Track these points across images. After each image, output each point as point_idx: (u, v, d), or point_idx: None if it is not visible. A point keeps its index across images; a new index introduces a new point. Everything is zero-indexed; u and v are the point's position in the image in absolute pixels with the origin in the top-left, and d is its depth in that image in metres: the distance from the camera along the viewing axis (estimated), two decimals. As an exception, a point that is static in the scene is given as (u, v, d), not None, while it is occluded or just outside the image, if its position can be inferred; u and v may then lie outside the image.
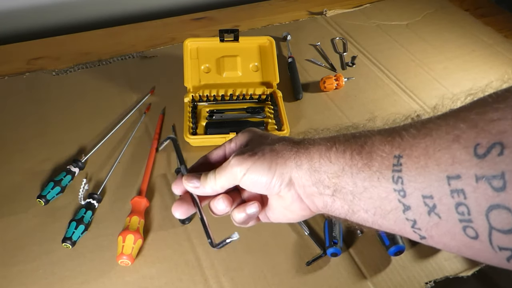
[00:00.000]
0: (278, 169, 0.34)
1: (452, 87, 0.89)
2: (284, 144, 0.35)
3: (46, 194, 0.62)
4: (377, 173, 0.29)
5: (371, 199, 0.30)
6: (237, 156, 0.35)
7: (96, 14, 1.07)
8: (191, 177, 0.38)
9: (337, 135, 0.34)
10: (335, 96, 0.85)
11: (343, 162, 0.31)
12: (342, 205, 0.32)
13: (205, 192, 0.38)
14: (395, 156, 0.28)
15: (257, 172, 0.34)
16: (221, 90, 0.79)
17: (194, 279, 0.56)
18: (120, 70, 0.88)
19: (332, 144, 0.33)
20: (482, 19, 1.08)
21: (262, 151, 0.35)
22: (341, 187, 0.31)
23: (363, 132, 0.32)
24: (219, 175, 0.36)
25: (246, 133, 0.39)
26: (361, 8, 1.11)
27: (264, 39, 0.83)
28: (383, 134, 0.30)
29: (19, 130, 0.75)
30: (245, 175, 0.34)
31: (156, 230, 0.61)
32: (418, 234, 0.28)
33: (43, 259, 0.57)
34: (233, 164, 0.35)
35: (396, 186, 0.28)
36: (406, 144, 0.28)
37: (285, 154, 0.34)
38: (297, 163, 0.34)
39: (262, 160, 0.34)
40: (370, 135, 0.31)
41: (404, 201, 0.28)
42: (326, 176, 0.32)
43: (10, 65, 0.88)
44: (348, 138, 0.32)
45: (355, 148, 0.31)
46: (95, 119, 0.77)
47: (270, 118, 0.78)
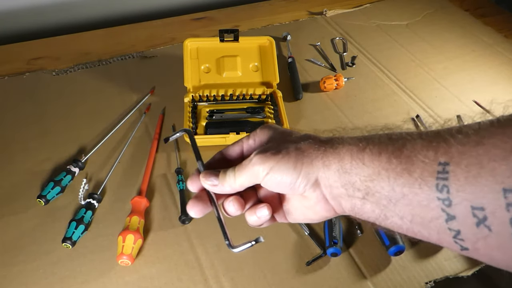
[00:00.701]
0: (303, 169, 0.32)
1: (452, 87, 0.89)
2: (310, 142, 0.33)
3: (46, 194, 0.62)
4: (419, 179, 0.27)
5: (409, 205, 0.28)
6: (260, 154, 0.33)
7: (96, 14, 1.07)
8: (209, 175, 0.36)
9: (369, 136, 0.32)
10: (335, 96, 0.85)
11: (378, 165, 0.30)
12: (373, 209, 0.31)
13: (224, 190, 0.36)
14: (440, 163, 0.26)
15: (281, 172, 0.32)
16: (221, 90, 0.79)
17: (194, 279, 0.56)
18: (120, 70, 0.88)
19: (365, 145, 0.31)
20: (482, 19, 1.09)
21: (287, 149, 0.33)
22: (374, 191, 0.30)
23: (401, 134, 0.30)
24: (239, 173, 0.34)
25: (266, 129, 0.37)
26: (361, 8, 1.11)
27: (264, 39, 0.83)
28: (425, 138, 0.29)
29: (19, 130, 0.75)
30: (268, 174, 0.33)
31: (156, 230, 0.61)
32: (460, 245, 0.27)
33: (43, 259, 0.57)
34: (255, 162, 0.33)
35: (440, 195, 0.26)
36: (454, 151, 0.26)
37: (312, 153, 0.32)
38: (324, 163, 0.32)
39: (287, 159, 0.32)
40: (409, 138, 0.29)
41: (448, 210, 0.26)
42: (357, 179, 0.31)
43: (10, 65, 0.88)
44: (383, 139, 0.31)
45: (393, 151, 0.29)
46: (95, 119, 0.77)
47: (270, 118, 0.78)
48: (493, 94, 0.88)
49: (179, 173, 0.68)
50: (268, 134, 0.36)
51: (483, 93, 0.87)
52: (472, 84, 0.90)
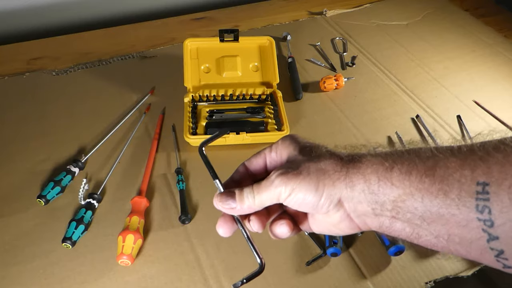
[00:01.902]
0: (326, 190, 0.32)
1: (452, 87, 0.89)
2: (331, 162, 0.32)
3: (46, 194, 0.62)
4: (456, 200, 0.26)
5: (446, 225, 0.27)
6: (281, 175, 0.32)
7: (96, 14, 1.07)
8: (226, 198, 0.34)
9: (394, 152, 0.31)
10: (335, 96, 0.85)
11: (409, 185, 0.28)
12: (404, 227, 0.30)
13: (243, 212, 0.35)
14: (478, 183, 0.26)
15: (303, 193, 0.32)
16: (221, 90, 0.79)
17: (194, 279, 0.56)
18: (120, 70, 0.88)
19: (392, 164, 0.30)
20: (482, 19, 1.09)
21: (307, 169, 0.32)
22: (406, 211, 0.29)
23: (430, 151, 0.29)
24: (259, 194, 0.33)
25: (287, 142, 0.36)
26: (361, 8, 1.11)
27: (264, 39, 0.83)
28: (459, 156, 0.28)
29: (19, 130, 0.75)
30: (290, 196, 0.32)
31: (156, 230, 0.61)
32: (503, 263, 0.27)
33: (43, 259, 0.57)
34: (277, 184, 0.32)
35: (481, 216, 0.26)
36: (494, 170, 0.25)
37: (333, 175, 0.32)
38: (348, 184, 0.31)
39: (308, 180, 0.32)
40: (441, 157, 0.28)
41: (490, 231, 0.26)
42: (386, 199, 0.30)
43: (10, 65, 0.88)
44: (411, 157, 0.30)
45: (424, 170, 0.28)
46: (95, 119, 0.77)
47: (270, 118, 0.78)
48: (493, 94, 0.88)
49: (179, 173, 0.68)
50: (290, 148, 0.35)
51: (483, 93, 0.87)
52: (472, 84, 0.90)
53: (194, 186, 0.67)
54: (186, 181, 0.68)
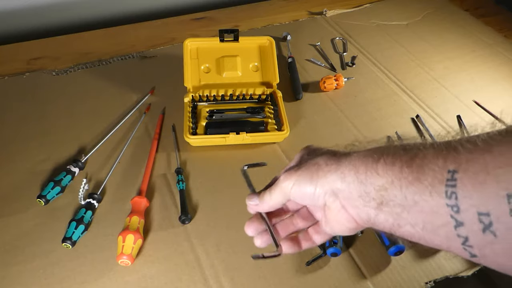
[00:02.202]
0: (319, 181, 0.35)
1: (452, 87, 0.89)
2: (326, 157, 0.37)
3: (46, 194, 0.62)
4: (429, 187, 0.28)
5: (421, 213, 0.29)
6: (285, 172, 0.38)
7: (96, 14, 1.07)
8: (252, 196, 0.41)
9: (384, 146, 0.34)
10: (335, 96, 0.85)
11: (391, 174, 0.31)
12: (387, 218, 0.32)
13: (264, 208, 0.41)
14: (449, 170, 0.27)
15: (301, 184, 0.36)
16: (221, 90, 0.79)
17: (194, 279, 0.56)
18: (120, 70, 0.88)
19: (380, 155, 0.32)
20: (482, 19, 1.09)
21: (306, 165, 0.37)
22: (388, 199, 0.31)
23: (414, 144, 0.31)
24: (273, 191, 0.39)
25: (301, 151, 0.42)
26: (361, 8, 1.11)
27: (264, 39, 0.83)
28: (436, 148, 0.29)
29: (19, 130, 0.75)
30: (292, 188, 0.37)
31: (156, 230, 0.61)
32: (469, 252, 0.28)
33: (43, 259, 0.57)
34: (282, 179, 0.38)
35: (449, 201, 0.27)
36: (462, 159, 0.27)
37: (325, 167, 0.35)
38: (339, 175, 0.34)
39: (306, 173, 0.36)
40: (421, 148, 0.30)
41: (456, 216, 0.27)
42: (372, 188, 0.32)
43: (10, 65, 0.88)
44: (397, 150, 0.32)
45: (405, 160, 0.30)
46: (95, 119, 0.77)
47: (270, 118, 0.78)
48: (493, 94, 0.88)
49: (179, 173, 0.68)
50: (301, 154, 0.41)
51: (483, 93, 0.87)
52: (472, 84, 0.90)
53: (194, 186, 0.67)
54: (186, 181, 0.68)
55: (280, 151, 0.74)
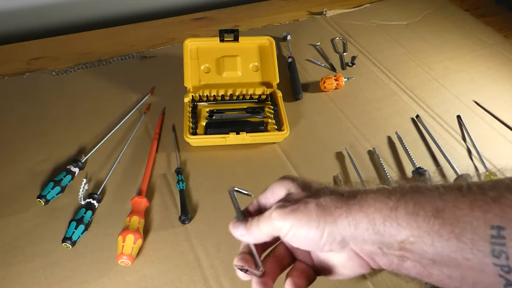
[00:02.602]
0: (327, 227, 0.30)
1: (452, 87, 0.89)
2: (332, 198, 0.31)
3: (46, 194, 0.62)
4: (469, 244, 0.25)
5: (459, 268, 0.26)
6: (279, 209, 0.32)
7: (96, 14, 1.07)
8: (238, 224, 0.36)
9: (396, 189, 0.30)
10: (335, 96, 0.85)
11: (416, 226, 0.27)
12: (415, 265, 0.28)
13: (250, 241, 0.35)
14: (493, 226, 0.25)
15: (303, 228, 0.31)
16: (221, 90, 0.79)
17: (194, 279, 0.56)
18: (120, 70, 0.88)
19: (396, 202, 0.28)
20: (482, 19, 1.09)
21: (306, 205, 0.31)
22: (415, 252, 0.28)
23: (436, 189, 0.28)
24: (262, 225, 0.33)
25: (286, 180, 0.35)
26: (361, 8, 1.11)
27: (264, 39, 0.83)
28: (468, 196, 0.26)
29: (19, 130, 0.75)
30: (290, 232, 0.31)
31: (156, 230, 0.61)
32: None
33: (43, 259, 0.57)
34: (275, 217, 0.32)
35: (497, 261, 0.24)
36: (509, 213, 0.24)
37: (334, 212, 0.30)
38: (351, 222, 0.30)
39: (308, 217, 0.31)
40: (450, 196, 0.27)
41: (509, 277, 0.24)
42: (393, 240, 0.28)
43: (10, 65, 0.88)
44: (416, 196, 0.28)
45: (431, 210, 0.27)
46: (95, 119, 0.77)
47: (270, 118, 0.78)
48: (493, 94, 0.88)
49: (179, 173, 0.68)
50: (288, 186, 0.35)
51: (483, 93, 0.87)
52: (472, 84, 0.90)
53: (194, 186, 0.67)
54: (186, 181, 0.68)
55: (280, 151, 0.74)
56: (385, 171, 0.70)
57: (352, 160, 0.72)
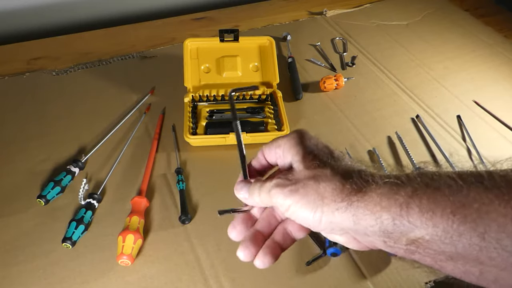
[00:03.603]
0: (324, 216, 0.29)
1: (452, 87, 0.89)
2: (331, 187, 0.29)
3: (46, 194, 0.62)
4: (494, 243, 0.23)
5: (479, 265, 0.24)
6: (278, 188, 0.31)
7: (96, 14, 1.07)
8: (242, 186, 0.36)
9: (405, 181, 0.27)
10: (335, 96, 0.85)
11: (432, 225, 0.25)
12: (425, 258, 0.27)
13: (254, 204, 0.35)
14: None
15: (300, 214, 0.30)
16: (221, 90, 0.79)
17: (194, 279, 0.56)
18: (120, 70, 0.88)
19: (408, 199, 0.26)
20: (482, 19, 1.09)
21: (305, 188, 0.30)
22: (429, 248, 0.26)
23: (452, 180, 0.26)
24: (263, 195, 0.33)
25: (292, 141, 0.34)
26: (361, 8, 1.11)
27: (264, 39, 0.83)
28: (491, 188, 0.24)
29: (19, 130, 0.75)
30: (288, 212, 0.31)
31: (156, 230, 0.61)
32: None
33: (43, 259, 0.57)
34: (274, 195, 0.31)
35: None
36: None
37: (332, 204, 0.29)
38: (350, 218, 0.28)
39: (306, 201, 0.29)
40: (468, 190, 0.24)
41: None
42: (403, 237, 0.26)
43: (10, 65, 0.88)
44: (430, 191, 0.26)
45: (450, 207, 0.24)
46: (95, 119, 0.77)
47: (270, 118, 0.78)
48: (493, 94, 0.88)
49: (179, 173, 0.68)
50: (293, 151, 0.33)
51: (483, 93, 0.87)
52: (472, 84, 0.90)
53: (194, 186, 0.67)
54: (186, 181, 0.68)
55: (280, 151, 0.74)
56: (385, 171, 0.70)
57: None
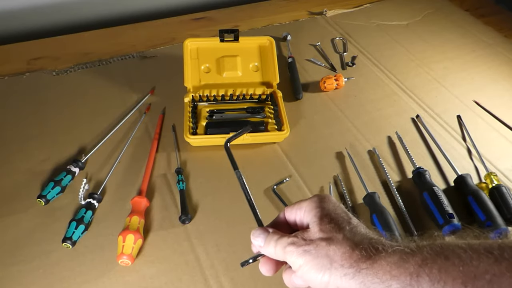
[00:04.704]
0: (332, 280, 0.30)
1: (452, 87, 0.89)
2: (342, 251, 0.30)
3: (46, 194, 0.62)
4: None
5: None
6: (292, 246, 0.33)
7: (96, 14, 1.07)
8: (259, 234, 0.37)
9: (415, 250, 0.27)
10: (335, 96, 0.85)
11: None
12: None
13: (268, 255, 0.37)
14: None
15: (310, 274, 0.31)
16: (221, 90, 0.79)
17: (194, 279, 0.56)
18: (120, 70, 0.88)
19: (418, 268, 0.26)
20: (482, 19, 1.09)
21: (316, 250, 0.31)
22: None
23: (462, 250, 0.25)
24: (278, 250, 0.34)
25: (313, 204, 0.35)
26: (361, 8, 1.11)
27: (264, 39, 0.83)
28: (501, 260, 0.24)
29: (19, 130, 0.75)
30: (300, 270, 0.32)
31: (156, 230, 0.61)
32: None
33: (43, 259, 0.57)
34: (288, 253, 0.33)
35: None
36: None
37: (340, 269, 0.29)
38: (358, 285, 0.28)
39: (316, 264, 0.31)
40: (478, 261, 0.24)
41: None
42: None
43: (10, 65, 0.88)
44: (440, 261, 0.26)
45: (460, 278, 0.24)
46: (95, 119, 0.77)
47: (270, 118, 0.78)
48: (493, 94, 0.88)
49: (179, 173, 0.68)
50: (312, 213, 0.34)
51: (483, 93, 0.87)
52: (472, 84, 0.90)
53: (194, 186, 0.67)
54: (186, 181, 0.68)
55: (280, 151, 0.74)
56: (385, 171, 0.70)
57: (352, 160, 0.72)
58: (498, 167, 0.73)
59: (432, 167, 0.72)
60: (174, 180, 0.67)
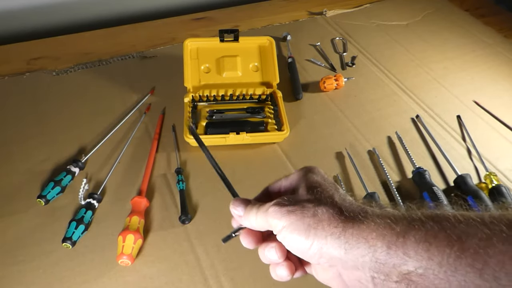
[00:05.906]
0: (316, 240, 0.29)
1: (451, 87, 0.89)
2: (329, 212, 0.29)
3: (46, 194, 0.62)
4: (493, 282, 0.23)
5: None
6: (276, 206, 0.31)
7: (96, 14, 1.07)
8: (239, 204, 0.35)
9: (404, 214, 0.27)
10: (335, 96, 0.85)
11: (427, 257, 0.24)
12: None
13: (246, 225, 0.35)
14: None
15: (293, 233, 0.30)
16: (221, 90, 0.79)
17: (194, 279, 0.56)
18: (120, 70, 0.88)
19: (405, 228, 0.26)
20: (482, 19, 1.09)
21: (302, 210, 0.30)
22: (422, 286, 0.25)
23: (452, 217, 0.25)
24: (259, 216, 0.33)
25: (301, 173, 0.34)
26: (361, 8, 1.11)
27: (264, 39, 0.83)
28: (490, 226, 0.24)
29: (19, 130, 0.75)
30: (282, 232, 0.30)
31: (156, 230, 0.61)
32: None
33: (43, 259, 0.57)
34: (270, 213, 0.31)
35: None
36: None
37: (327, 227, 0.28)
38: (342, 245, 0.28)
39: (301, 223, 0.29)
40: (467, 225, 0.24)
41: None
42: (394, 270, 0.26)
43: (10, 65, 0.88)
44: (429, 222, 0.25)
45: (446, 239, 0.24)
46: (95, 119, 0.77)
47: (270, 118, 0.78)
48: (493, 94, 0.88)
49: (179, 173, 0.68)
50: (300, 181, 0.34)
51: (483, 93, 0.87)
52: (472, 84, 0.90)
53: (194, 186, 0.67)
54: (186, 181, 0.68)
55: (280, 151, 0.74)
56: (385, 171, 0.70)
57: (352, 160, 0.72)
58: (498, 167, 0.73)
59: (432, 167, 0.72)
60: (174, 180, 0.67)
